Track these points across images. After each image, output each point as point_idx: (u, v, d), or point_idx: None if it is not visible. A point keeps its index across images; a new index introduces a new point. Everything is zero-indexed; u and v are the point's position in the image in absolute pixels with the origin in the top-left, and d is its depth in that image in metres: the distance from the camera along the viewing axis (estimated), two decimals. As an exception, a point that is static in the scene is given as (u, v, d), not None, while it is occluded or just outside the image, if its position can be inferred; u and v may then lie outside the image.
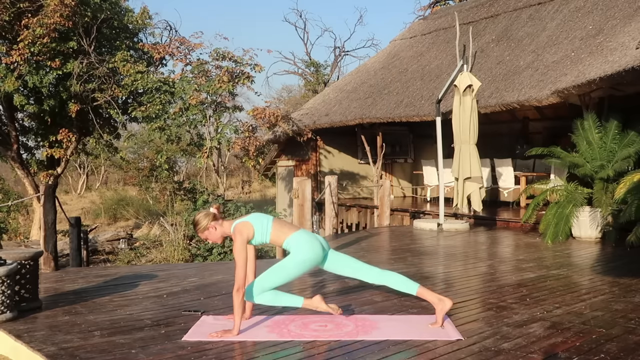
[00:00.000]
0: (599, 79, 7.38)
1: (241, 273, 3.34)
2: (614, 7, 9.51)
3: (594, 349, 3.12)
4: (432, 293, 3.64)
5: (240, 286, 3.33)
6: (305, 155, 14.06)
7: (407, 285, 3.66)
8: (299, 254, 3.52)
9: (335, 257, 3.73)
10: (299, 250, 3.53)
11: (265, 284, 3.50)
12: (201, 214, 3.59)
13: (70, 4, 9.76)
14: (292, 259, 3.53)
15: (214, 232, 3.57)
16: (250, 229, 3.50)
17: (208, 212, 3.59)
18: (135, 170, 24.71)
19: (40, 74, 10.24)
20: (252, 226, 3.51)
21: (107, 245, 14.33)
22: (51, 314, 3.97)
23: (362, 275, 3.74)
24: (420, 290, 3.62)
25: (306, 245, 3.53)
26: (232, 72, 11.11)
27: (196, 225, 3.58)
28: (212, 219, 3.56)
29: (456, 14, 11.28)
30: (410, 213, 10.79)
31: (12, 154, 11.98)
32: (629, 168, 7.32)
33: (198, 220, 3.57)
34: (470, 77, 8.56)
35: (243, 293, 3.35)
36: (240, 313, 3.36)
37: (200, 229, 3.57)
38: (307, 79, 27.31)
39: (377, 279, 3.72)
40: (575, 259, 6.29)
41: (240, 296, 3.33)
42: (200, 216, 3.58)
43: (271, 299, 3.53)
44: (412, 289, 3.64)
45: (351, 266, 3.74)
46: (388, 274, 3.73)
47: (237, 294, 3.32)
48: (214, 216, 3.57)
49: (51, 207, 5.94)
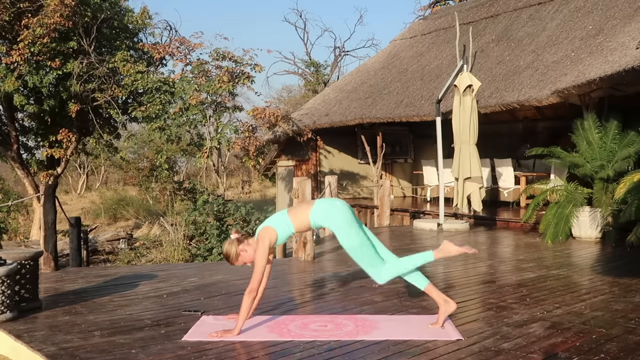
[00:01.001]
0: (599, 79, 7.37)
1: (258, 277, 3.38)
2: (614, 7, 9.51)
3: (594, 349, 3.12)
4: (440, 293, 3.60)
5: (254, 289, 3.35)
6: (305, 155, 14.06)
7: (418, 279, 3.61)
8: (336, 222, 3.49)
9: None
10: (333, 219, 3.50)
11: (373, 264, 3.49)
12: (227, 245, 3.55)
13: (70, 4, 9.76)
14: (340, 231, 3.49)
15: (246, 254, 3.54)
16: (272, 233, 3.50)
17: (231, 241, 3.56)
18: (135, 170, 24.71)
19: (40, 74, 10.24)
20: (273, 228, 3.51)
21: (107, 245, 14.33)
22: (51, 314, 3.97)
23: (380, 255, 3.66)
24: (429, 288, 3.59)
25: (332, 210, 3.52)
26: (232, 72, 11.11)
27: (228, 258, 3.54)
28: (239, 244, 3.54)
29: (456, 14, 11.28)
30: (410, 213, 10.79)
31: (12, 154, 11.98)
32: (629, 168, 7.32)
33: (227, 251, 3.53)
34: (470, 77, 8.55)
35: (254, 297, 3.38)
36: (245, 315, 3.38)
37: (233, 258, 3.53)
38: (307, 79, 27.31)
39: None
40: (575, 259, 6.29)
41: (251, 298, 3.36)
42: (227, 247, 3.54)
43: (397, 269, 3.51)
44: (421, 285, 3.60)
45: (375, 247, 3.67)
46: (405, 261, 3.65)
47: (248, 295, 3.35)
48: (238, 240, 3.55)
49: (51, 207, 5.94)
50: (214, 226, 10.58)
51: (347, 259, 6.34)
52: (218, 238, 10.34)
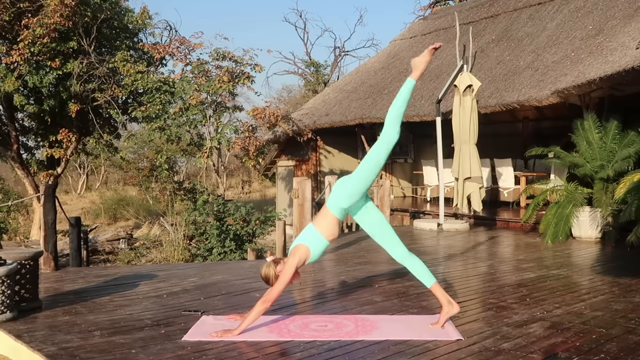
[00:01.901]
0: (599, 79, 7.38)
1: (280, 290, 3.38)
2: (614, 7, 9.51)
3: (594, 349, 3.12)
4: (445, 294, 3.59)
5: (270, 300, 3.35)
6: (305, 155, 14.06)
7: (425, 276, 3.57)
8: (349, 188, 3.54)
9: (372, 213, 3.65)
10: (345, 190, 3.54)
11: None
12: (265, 268, 3.51)
13: (70, 4, 9.75)
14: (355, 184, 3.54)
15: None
16: (303, 250, 3.48)
17: (269, 263, 3.52)
18: (135, 170, 24.69)
19: (40, 74, 10.23)
20: (306, 246, 3.50)
21: (107, 245, 14.34)
22: (51, 314, 3.97)
23: (389, 246, 3.62)
24: (434, 287, 3.56)
25: (341, 190, 3.55)
26: (232, 72, 11.10)
27: (268, 281, 3.50)
28: (275, 265, 3.51)
29: (456, 14, 11.28)
30: (410, 213, 10.80)
31: (12, 154, 11.97)
32: (629, 168, 7.32)
33: (266, 274, 3.50)
34: (470, 77, 8.56)
35: (267, 307, 3.37)
36: (252, 321, 3.38)
37: (272, 280, 3.48)
38: (307, 79, 27.31)
39: (401, 257, 3.59)
40: (575, 259, 6.29)
41: (264, 308, 3.35)
42: (265, 270, 3.51)
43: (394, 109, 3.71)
44: (428, 282, 3.57)
45: (382, 232, 3.63)
46: (414, 258, 3.61)
47: (262, 305, 3.34)
48: (275, 262, 3.53)
49: (51, 207, 5.95)
50: (214, 226, 10.58)
51: (347, 259, 6.36)
52: (218, 238, 10.35)
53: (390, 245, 3.61)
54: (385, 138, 3.58)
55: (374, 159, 3.56)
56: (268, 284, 3.50)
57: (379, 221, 3.64)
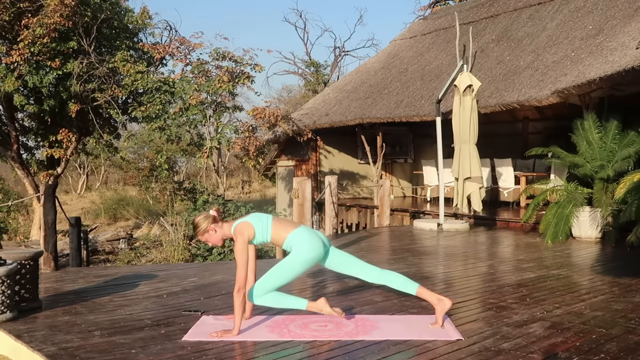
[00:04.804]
0: (599, 79, 7.37)
1: (242, 273, 3.33)
2: (614, 7, 9.51)
3: (594, 349, 3.12)
4: (432, 293, 3.63)
5: (241, 287, 3.32)
6: (305, 155, 14.06)
7: (407, 285, 3.65)
8: (300, 253, 3.51)
9: (336, 255, 3.71)
10: (300, 249, 3.51)
11: (267, 285, 3.48)
12: (201, 217, 3.58)
13: (70, 4, 9.75)
14: (293, 258, 3.52)
15: (213, 235, 3.56)
16: (251, 229, 3.49)
17: (208, 215, 3.57)
18: (135, 170, 24.71)
19: (40, 74, 10.23)
20: (253, 226, 3.51)
21: (107, 245, 14.35)
22: (51, 314, 3.97)
23: (363, 274, 3.72)
24: (419, 290, 3.62)
25: (307, 244, 3.52)
26: (232, 72, 11.11)
27: (196, 228, 3.57)
28: (212, 222, 3.54)
29: (456, 14, 11.27)
30: (410, 213, 10.79)
31: (12, 154, 11.97)
32: (629, 168, 7.32)
33: (198, 222, 3.56)
34: (470, 77, 8.55)
35: (244, 293, 3.34)
36: (240, 313, 3.36)
37: (200, 231, 3.56)
38: (307, 79, 27.31)
39: (377, 278, 3.71)
40: (575, 259, 6.29)
41: (241, 296, 3.32)
42: (200, 219, 3.57)
43: (274, 301, 3.50)
44: (411, 289, 3.63)
45: (352, 265, 3.72)
46: (388, 273, 3.72)
47: (237, 294, 3.31)
48: (214, 219, 3.56)
49: (51, 207, 5.94)
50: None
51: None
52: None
53: (362, 271, 3.71)
54: (257, 284, 3.49)
55: (276, 270, 3.52)
56: (194, 230, 3.59)
57: (342, 257, 3.72)
